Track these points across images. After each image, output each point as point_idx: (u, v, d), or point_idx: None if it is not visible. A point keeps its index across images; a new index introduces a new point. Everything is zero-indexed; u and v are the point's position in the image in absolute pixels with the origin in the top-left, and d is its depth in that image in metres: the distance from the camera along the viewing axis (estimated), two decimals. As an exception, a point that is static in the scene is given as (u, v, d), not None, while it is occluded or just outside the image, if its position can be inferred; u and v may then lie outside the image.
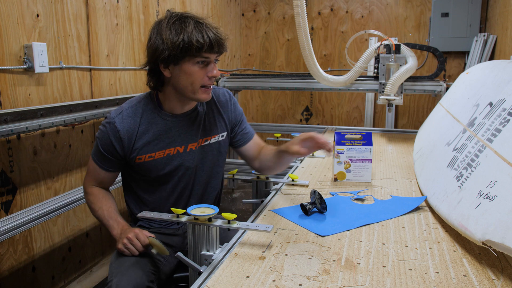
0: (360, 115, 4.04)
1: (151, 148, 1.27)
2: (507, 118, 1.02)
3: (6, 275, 1.68)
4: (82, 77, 2.02)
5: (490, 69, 1.48)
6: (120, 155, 1.27)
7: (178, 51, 1.15)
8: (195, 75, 1.19)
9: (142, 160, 1.27)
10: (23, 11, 1.67)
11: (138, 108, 1.28)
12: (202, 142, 1.34)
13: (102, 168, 1.30)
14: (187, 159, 1.31)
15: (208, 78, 1.22)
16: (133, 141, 1.25)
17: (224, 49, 1.24)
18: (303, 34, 2.22)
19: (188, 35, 1.15)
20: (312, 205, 1.19)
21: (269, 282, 0.82)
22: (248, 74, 3.42)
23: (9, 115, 1.49)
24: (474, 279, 0.82)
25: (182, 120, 1.31)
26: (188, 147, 1.31)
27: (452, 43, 3.55)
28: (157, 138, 1.28)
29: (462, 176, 1.08)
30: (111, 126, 1.24)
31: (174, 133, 1.29)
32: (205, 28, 1.17)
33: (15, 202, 1.69)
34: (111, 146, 1.25)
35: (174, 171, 1.31)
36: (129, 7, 2.35)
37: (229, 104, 1.41)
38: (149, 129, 1.27)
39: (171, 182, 1.32)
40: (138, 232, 1.15)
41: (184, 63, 1.19)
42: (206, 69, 1.21)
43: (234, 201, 3.57)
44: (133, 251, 1.14)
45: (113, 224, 1.22)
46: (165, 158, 1.29)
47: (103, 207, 1.27)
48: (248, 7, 4.21)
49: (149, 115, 1.28)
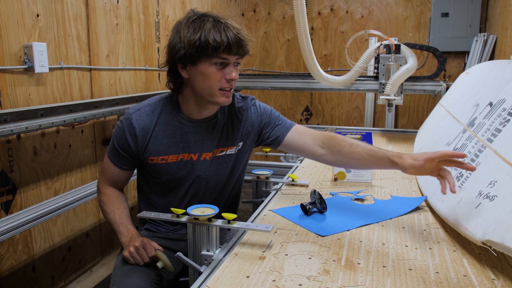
0: (360, 115, 4.04)
1: (165, 150, 1.23)
2: (507, 118, 1.02)
3: (6, 275, 1.68)
4: (82, 77, 2.02)
5: (490, 69, 1.48)
6: (133, 153, 1.23)
7: (194, 50, 1.11)
8: (212, 76, 1.14)
9: (154, 161, 1.23)
10: (23, 11, 1.67)
11: (157, 107, 1.24)
12: (218, 152, 1.27)
13: (116, 165, 1.26)
14: (199, 168, 1.25)
15: (226, 81, 1.15)
16: (147, 140, 1.22)
17: (246, 52, 1.17)
18: (303, 34, 2.22)
19: (205, 34, 1.10)
20: (312, 205, 1.19)
21: (269, 282, 0.82)
22: (248, 74, 3.42)
23: (9, 115, 1.48)
24: (474, 279, 0.82)
25: (200, 126, 1.25)
26: (202, 156, 1.25)
27: (452, 43, 3.55)
28: (172, 141, 1.23)
29: (462, 176, 1.08)
30: (127, 122, 1.22)
31: (190, 139, 1.24)
32: (224, 27, 1.12)
33: (15, 202, 1.69)
34: (126, 142, 1.22)
35: (185, 177, 1.26)
36: (129, 7, 2.35)
37: (251, 110, 1.32)
38: (165, 130, 1.23)
39: (182, 189, 1.27)
40: (146, 242, 1.11)
41: (201, 63, 1.13)
42: (224, 71, 1.15)
43: (234, 201, 3.56)
44: (139, 261, 1.10)
45: (123, 231, 1.18)
46: (177, 163, 1.24)
47: (115, 211, 1.23)
48: (248, 7, 4.21)
49: (167, 116, 1.24)
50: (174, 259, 1.16)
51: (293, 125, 1.32)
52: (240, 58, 1.17)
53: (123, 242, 1.16)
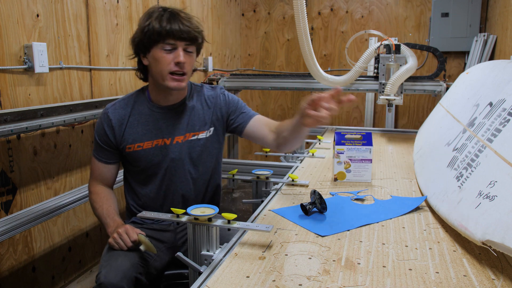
0: (360, 115, 4.04)
1: (140, 137, 1.34)
2: (507, 118, 1.02)
3: (6, 275, 1.68)
4: (82, 77, 2.02)
5: (490, 69, 1.48)
6: (113, 144, 1.35)
7: (144, 37, 1.26)
8: (162, 60, 1.26)
9: (131, 149, 1.34)
10: (23, 11, 1.67)
11: (130, 99, 1.38)
12: (190, 136, 1.37)
13: (101, 160, 1.36)
14: (173, 151, 1.36)
15: (175, 64, 1.26)
16: (123, 129, 1.34)
17: (193, 39, 1.28)
18: (303, 34, 2.22)
19: (151, 21, 1.25)
20: (312, 205, 1.19)
21: (269, 282, 0.82)
22: (248, 74, 3.42)
23: (9, 115, 1.48)
24: (474, 279, 0.82)
25: (169, 112, 1.37)
26: (174, 140, 1.36)
27: (452, 43, 3.55)
28: (146, 128, 1.35)
29: (462, 176, 1.08)
30: (105, 116, 1.36)
31: (161, 125, 1.36)
32: (169, 15, 1.25)
33: (15, 202, 1.69)
34: (105, 135, 1.34)
35: (162, 162, 1.36)
36: (129, 7, 2.36)
37: (220, 99, 1.43)
38: (138, 120, 1.35)
39: (160, 174, 1.37)
40: (129, 227, 1.19)
41: (153, 49, 1.27)
42: (173, 54, 1.26)
43: (234, 201, 3.57)
44: (122, 245, 1.18)
45: (110, 222, 1.26)
46: (153, 149, 1.35)
47: (104, 206, 1.31)
48: (248, 7, 4.21)
49: (140, 106, 1.37)
50: (159, 249, 1.31)
51: (256, 114, 1.44)
52: (189, 44, 1.28)
53: (109, 232, 1.24)
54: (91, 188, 1.38)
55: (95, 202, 1.34)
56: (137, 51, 1.33)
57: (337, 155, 1.49)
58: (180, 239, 1.41)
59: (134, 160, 1.35)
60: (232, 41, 4.03)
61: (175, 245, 1.39)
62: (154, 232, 1.37)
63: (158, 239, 1.36)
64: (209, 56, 3.47)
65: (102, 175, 1.38)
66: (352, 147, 1.48)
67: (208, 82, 3.24)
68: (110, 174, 1.39)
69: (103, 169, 1.37)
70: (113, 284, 1.11)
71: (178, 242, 1.40)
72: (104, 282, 1.11)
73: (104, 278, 1.11)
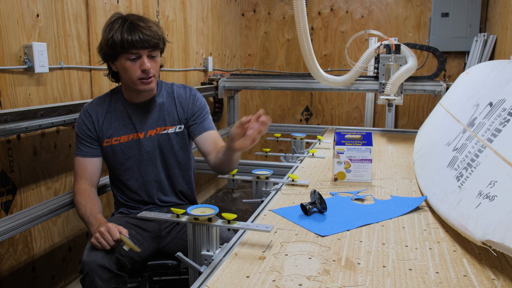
0: (360, 115, 4.04)
1: (117, 132, 1.47)
2: (507, 118, 1.02)
3: (6, 275, 1.68)
4: (82, 77, 2.02)
5: (490, 69, 1.48)
6: (94, 136, 1.46)
7: (109, 49, 1.34)
8: (129, 69, 1.35)
9: (109, 143, 1.46)
10: (23, 11, 1.67)
11: (106, 97, 1.51)
12: (160, 130, 1.49)
13: (84, 155, 1.45)
14: (146, 144, 1.48)
15: (141, 71, 1.36)
16: (101, 124, 1.46)
17: (155, 45, 1.36)
18: (303, 34, 2.22)
19: (113, 34, 1.32)
20: (312, 205, 1.19)
21: (269, 282, 0.82)
22: (248, 74, 3.42)
23: (9, 115, 1.48)
24: (474, 279, 0.82)
25: (141, 108, 1.48)
26: (147, 134, 1.48)
27: (452, 43, 3.55)
28: (122, 123, 1.47)
29: (462, 176, 1.08)
30: (85, 113, 1.48)
31: (134, 120, 1.48)
32: (128, 26, 1.32)
33: (15, 202, 1.69)
34: (87, 129, 1.45)
35: (137, 155, 1.48)
36: (129, 7, 2.35)
37: (189, 99, 1.53)
38: (115, 116, 1.48)
39: (136, 166, 1.49)
40: (111, 226, 1.20)
41: (119, 59, 1.36)
42: (139, 63, 1.35)
43: (234, 201, 3.57)
44: (104, 245, 1.19)
45: (92, 221, 1.29)
46: (129, 142, 1.47)
47: (87, 205, 1.35)
48: (248, 7, 4.21)
49: (114, 103, 1.49)
50: (145, 238, 1.41)
51: (210, 129, 1.53)
52: (152, 50, 1.36)
53: (92, 232, 1.26)
54: (75, 189, 1.43)
55: (78, 202, 1.38)
56: (105, 59, 1.42)
57: (337, 155, 1.49)
58: (164, 229, 1.46)
59: (113, 155, 1.47)
60: (232, 41, 4.03)
61: (159, 235, 1.45)
62: (139, 221, 1.43)
63: (143, 228, 1.43)
64: (209, 56, 3.47)
65: (86, 171, 1.44)
66: (352, 147, 1.48)
67: (208, 82, 3.24)
68: (94, 169, 1.46)
69: (87, 164, 1.45)
70: (95, 261, 1.16)
71: (163, 233, 1.46)
72: (86, 260, 1.17)
73: (86, 257, 1.18)
